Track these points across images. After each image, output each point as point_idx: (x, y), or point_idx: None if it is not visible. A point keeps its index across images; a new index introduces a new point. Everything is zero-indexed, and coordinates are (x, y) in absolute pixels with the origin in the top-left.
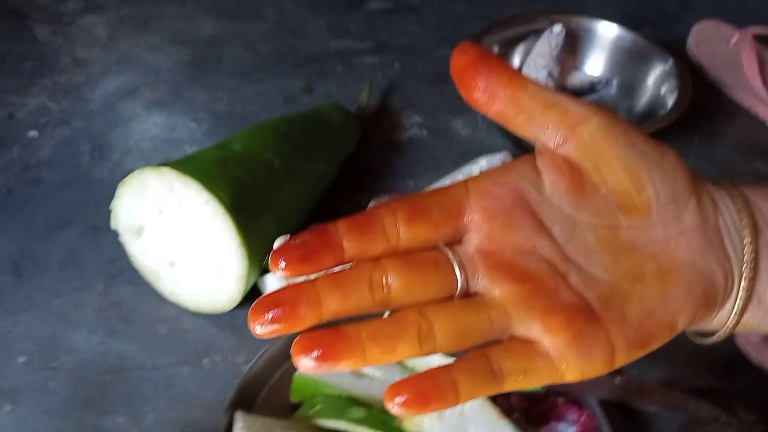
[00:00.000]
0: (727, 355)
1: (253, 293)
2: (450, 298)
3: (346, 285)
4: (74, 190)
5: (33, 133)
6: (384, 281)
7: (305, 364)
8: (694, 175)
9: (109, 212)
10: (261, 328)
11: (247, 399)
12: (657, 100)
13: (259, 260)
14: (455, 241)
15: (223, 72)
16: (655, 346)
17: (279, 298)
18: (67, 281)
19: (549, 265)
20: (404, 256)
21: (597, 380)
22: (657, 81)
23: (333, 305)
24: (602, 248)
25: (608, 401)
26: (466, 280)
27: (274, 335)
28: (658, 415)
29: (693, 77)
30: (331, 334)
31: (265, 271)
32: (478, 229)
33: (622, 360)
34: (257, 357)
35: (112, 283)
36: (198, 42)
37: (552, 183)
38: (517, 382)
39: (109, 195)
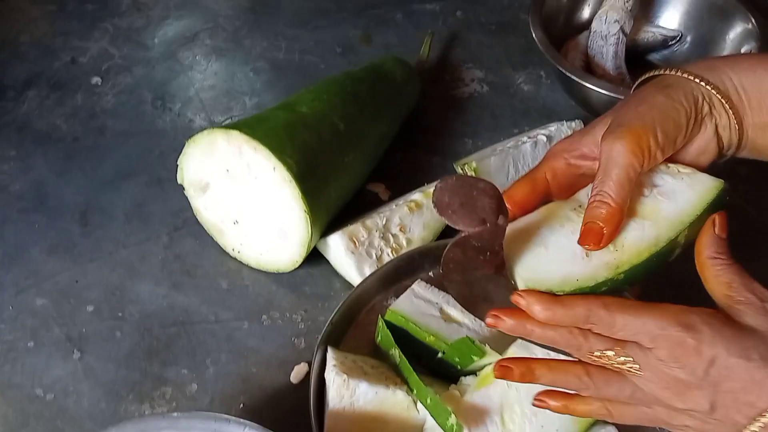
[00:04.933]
0: None
1: (313, 254)
2: None
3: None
4: (138, 140)
5: (96, 80)
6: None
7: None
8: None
9: (173, 164)
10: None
11: (336, 335)
12: None
13: (321, 224)
14: None
15: (281, 19)
16: None
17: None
18: (132, 233)
19: None
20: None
21: None
22: (736, 40)
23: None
24: None
25: None
26: None
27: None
28: None
29: None
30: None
31: (326, 233)
32: None
33: None
34: (346, 296)
35: (176, 235)
36: None
37: None
38: None
39: (172, 146)
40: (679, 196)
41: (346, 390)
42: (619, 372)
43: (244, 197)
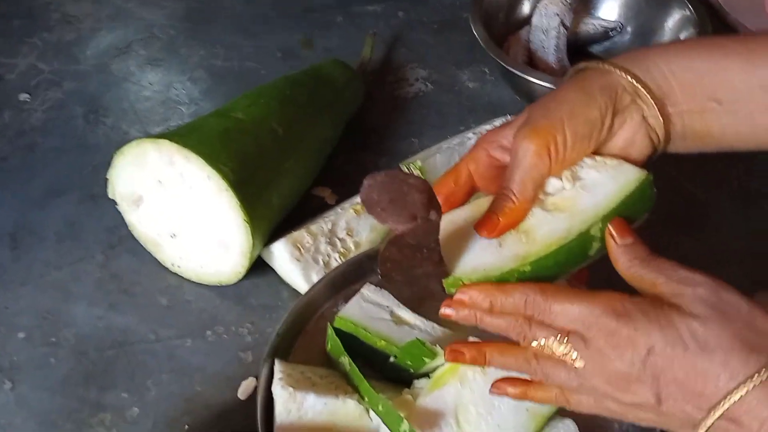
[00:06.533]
0: None
1: (257, 264)
2: None
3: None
4: (70, 156)
5: (24, 97)
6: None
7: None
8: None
9: (106, 180)
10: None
11: (283, 347)
12: None
13: (263, 233)
14: None
15: (219, 26)
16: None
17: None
18: (65, 252)
19: None
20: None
21: None
22: (675, 27)
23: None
24: None
25: None
26: None
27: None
28: None
29: (711, 20)
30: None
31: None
32: None
33: None
34: (292, 306)
35: (112, 253)
36: None
37: None
38: None
39: (106, 161)
40: (599, 189)
41: (293, 403)
42: (565, 362)
43: (180, 209)
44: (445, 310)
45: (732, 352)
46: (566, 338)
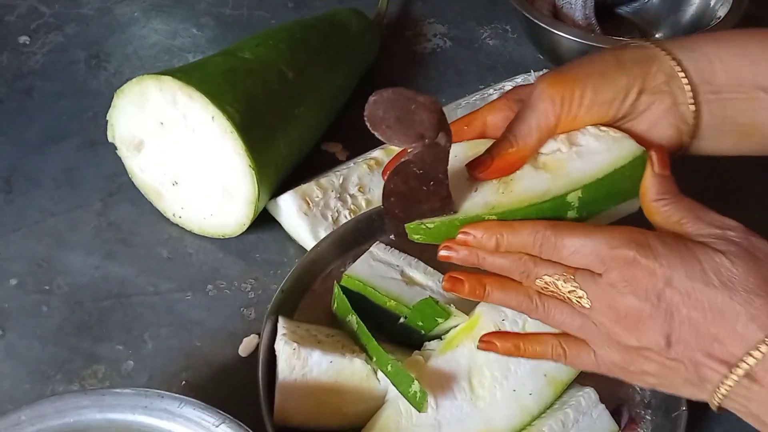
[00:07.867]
0: None
1: (263, 216)
2: None
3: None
4: (70, 101)
5: (24, 39)
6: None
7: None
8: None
9: (107, 122)
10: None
11: (288, 304)
12: (705, 11)
13: (270, 182)
14: None
15: None
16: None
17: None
18: (62, 199)
19: None
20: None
21: None
22: None
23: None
24: None
25: None
26: None
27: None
28: None
29: None
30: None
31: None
32: None
33: None
34: (298, 262)
35: (111, 201)
36: None
37: None
38: None
39: (107, 107)
40: (591, 158)
41: (297, 360)
42: (570, 300)
43: (182, 154)
44: (445, 252)
45: (757, 293)
46: (573, 276)
